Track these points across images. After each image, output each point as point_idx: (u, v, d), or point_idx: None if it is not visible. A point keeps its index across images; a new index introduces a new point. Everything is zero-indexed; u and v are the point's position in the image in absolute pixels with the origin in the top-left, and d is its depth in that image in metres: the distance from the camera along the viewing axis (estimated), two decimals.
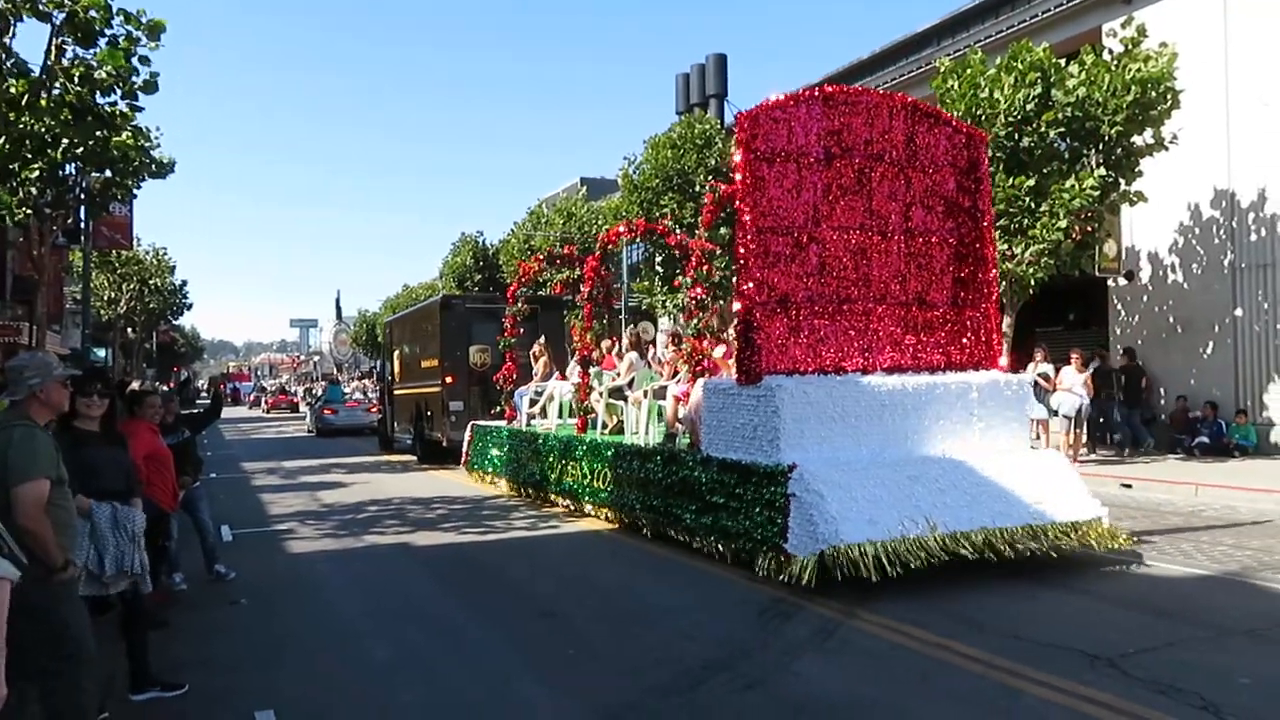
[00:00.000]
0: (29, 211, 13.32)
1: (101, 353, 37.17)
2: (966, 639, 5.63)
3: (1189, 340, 16.71)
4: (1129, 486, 12.55)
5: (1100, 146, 14.62)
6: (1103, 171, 14.40)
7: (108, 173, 13.77)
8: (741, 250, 8.08)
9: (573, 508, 11.32)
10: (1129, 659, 5.14)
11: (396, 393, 21.73)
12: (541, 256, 17.01)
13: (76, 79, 11.97)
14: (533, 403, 14.26)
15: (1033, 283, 14.94)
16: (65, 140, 12.14)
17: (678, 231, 17.35)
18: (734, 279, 8.47)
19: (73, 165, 13.39)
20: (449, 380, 17.88)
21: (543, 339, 15.56)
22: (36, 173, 12.46)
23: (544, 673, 5.37)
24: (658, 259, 24.07)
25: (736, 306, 8.15)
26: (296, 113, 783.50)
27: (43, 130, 11.87)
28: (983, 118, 14.71)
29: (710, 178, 21.62)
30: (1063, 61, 14.78)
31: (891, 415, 8.07)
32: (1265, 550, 8.29)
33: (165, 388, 7.18)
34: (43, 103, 11.67)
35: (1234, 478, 12.40)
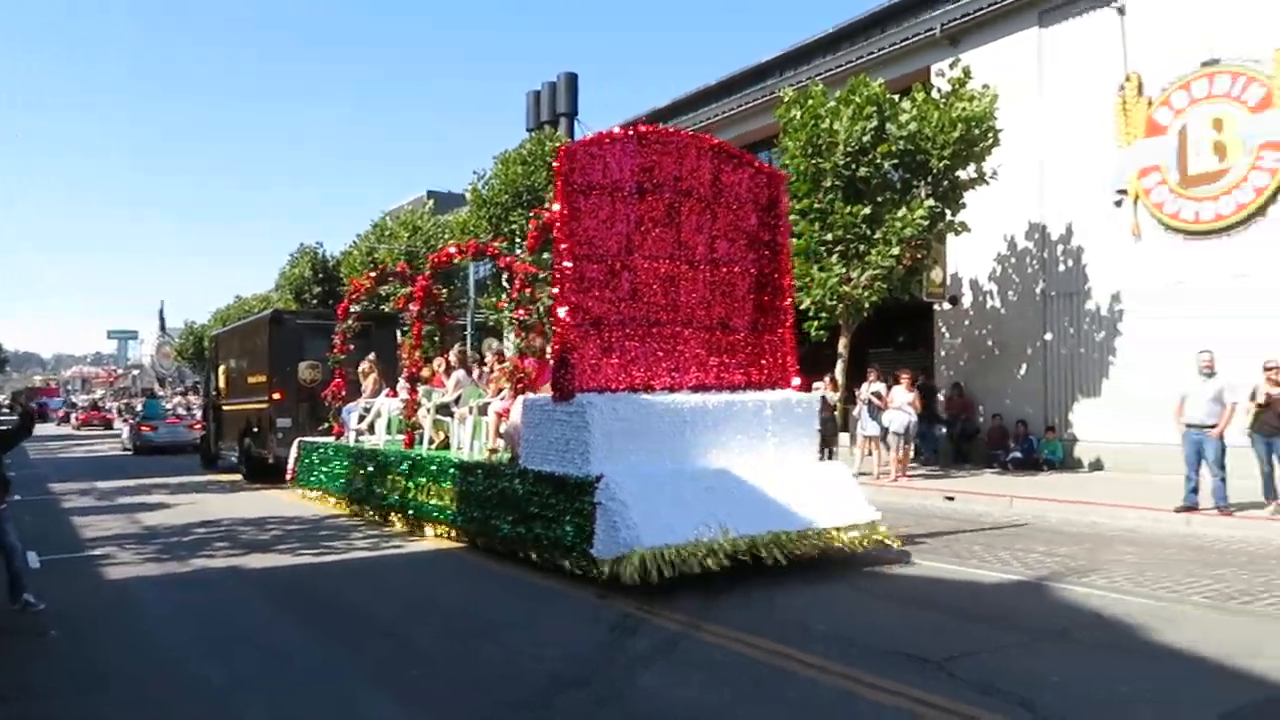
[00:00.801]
0: None
1: None
2: (803, 646, 5.81)
3: (1005, 362, 17.93)
4: (952, 499, 13.30)
5: (929, 179, 15.54)
6: (931, 202, 15.30)
7: None
8: (559, 276, 8.50)
9: (402, 523, 11.21)
10: (954, 662, 5.43)
11: (223, 409, 20.85)
12: (373, 274, 16.89)
13: None
14: (361, 419, 14.27)
15: (867, 306, 15.69)
16: None
17: (516, 252, 17.45)
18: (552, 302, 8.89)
19: None
20: (277, 396, 17.53)
21: (372, 356, 15.65)
22: None
23: (391, 693, 5.20)
24: (504, 276, 23.97)
25: (554, 328, 8.54)
26: (119, 112, 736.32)
27: None
28: (823, 147, 15.38)
29: None
30: (896, 97, 15.64)
31: (693, 430, 8.67)
32: (1070, 556, 8.97)
33: None
34: None
35: (1043, 490, 13.35)
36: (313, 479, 14.36)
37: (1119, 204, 16.16)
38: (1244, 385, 10.91)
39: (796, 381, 9.79)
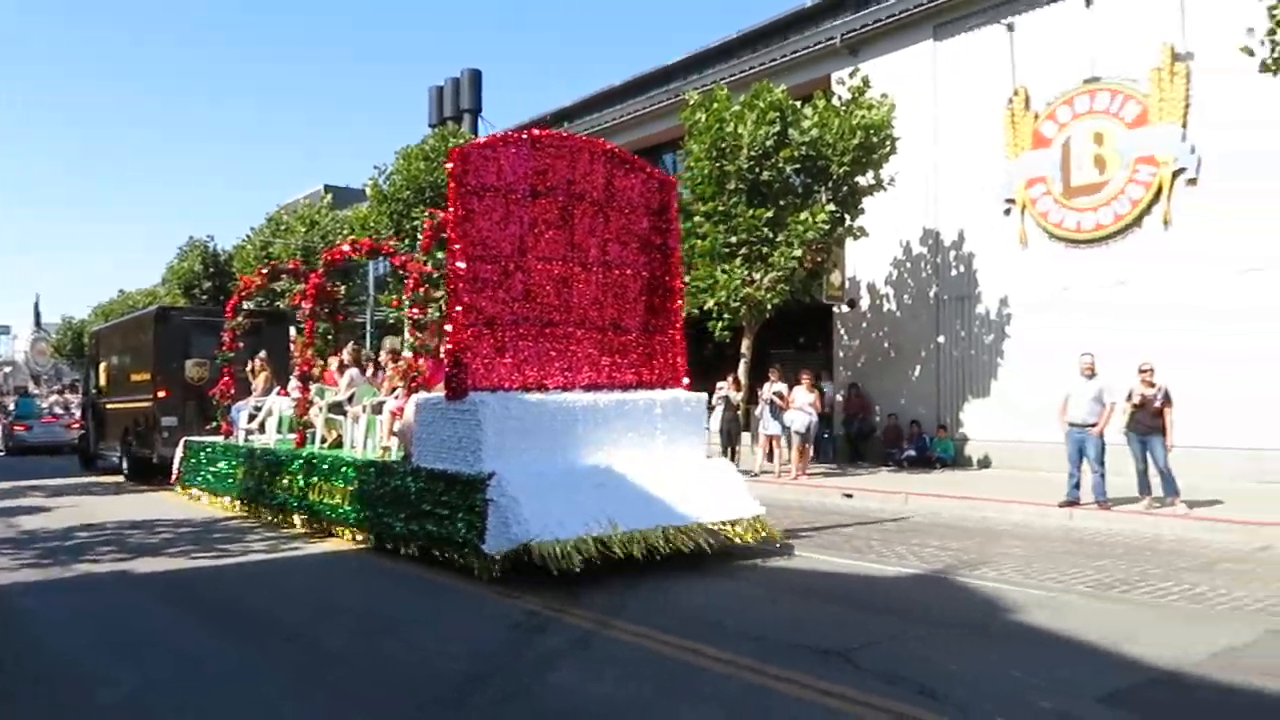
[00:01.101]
0: None
1: None
2: (711, 641, 5.87)
3: (900, 363, 18.50)
4: (850, 496, 13.65)
5: (830, 184, 15.92)
6: (832, 207, 15.68)
7: None
8: (453, 276, 8.54)
9: (298, 523, 10.99)
10: (857, 653, 5.58)
11: (104, 407, 20.00)
12: (265, 271, 16.54)
13: None
14: (251, 418, 14.04)
15: (769, 307, 15.98)
16: None
17: (417, 252, 17.28)
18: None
19: None
20: (162, 394, 17.09)
21: (263, 354, 15.45)
22: None
23: (310, 694, 5.08)
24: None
25: (448, 327, 8.59)
26: None
27: None
28: (728, 150, 15.59)
29: None
30: (799, 104, 15.97)
31: (584, 428, 8.84)
32: (963, 550, 9.32)
33: None
34: None
35: (936, 487, 13.83)
36: (199, 479, 14.00)
37: (1007, 213, 16.86)
38: (1124, 386, 11.51)
39: (686, 381, 10.02)
